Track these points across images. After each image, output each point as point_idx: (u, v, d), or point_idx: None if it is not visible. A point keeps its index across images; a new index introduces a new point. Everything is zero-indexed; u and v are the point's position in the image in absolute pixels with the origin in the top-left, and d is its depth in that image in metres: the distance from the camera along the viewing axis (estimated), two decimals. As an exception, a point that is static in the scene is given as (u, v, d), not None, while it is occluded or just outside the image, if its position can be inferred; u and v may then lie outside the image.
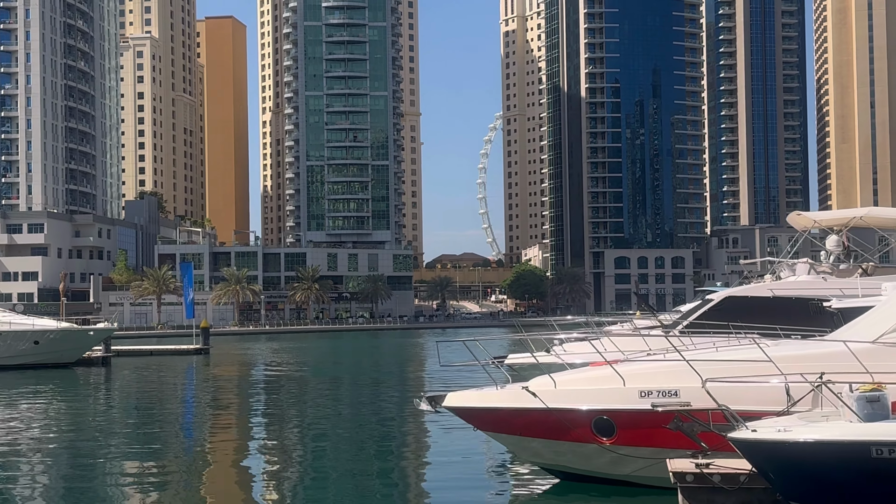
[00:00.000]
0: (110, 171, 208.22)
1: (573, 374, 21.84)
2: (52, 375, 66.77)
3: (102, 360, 75.93)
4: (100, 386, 63.08)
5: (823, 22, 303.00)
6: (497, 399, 21.71)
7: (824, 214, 32.64)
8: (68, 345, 73.26)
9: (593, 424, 20.37)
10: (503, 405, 21.51)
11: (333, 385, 61.43)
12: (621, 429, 20.13)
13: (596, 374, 21.15)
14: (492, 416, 21.77)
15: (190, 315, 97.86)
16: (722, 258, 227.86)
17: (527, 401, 20.82)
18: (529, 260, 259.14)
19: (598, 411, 20.29)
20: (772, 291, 29.18)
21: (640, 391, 19.83)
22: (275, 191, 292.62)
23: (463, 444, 30.95)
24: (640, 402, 19.78)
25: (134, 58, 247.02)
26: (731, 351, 20.36)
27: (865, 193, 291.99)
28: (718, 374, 18.43)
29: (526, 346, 37.95)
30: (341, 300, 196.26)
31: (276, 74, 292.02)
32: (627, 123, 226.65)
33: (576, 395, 20.63)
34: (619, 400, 20.10)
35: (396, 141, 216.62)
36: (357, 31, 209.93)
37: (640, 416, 19.69)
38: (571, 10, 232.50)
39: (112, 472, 28.51)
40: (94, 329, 76.30)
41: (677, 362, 19.19)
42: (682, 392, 19.26)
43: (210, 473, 28.65)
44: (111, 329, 78.15)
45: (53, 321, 77.92)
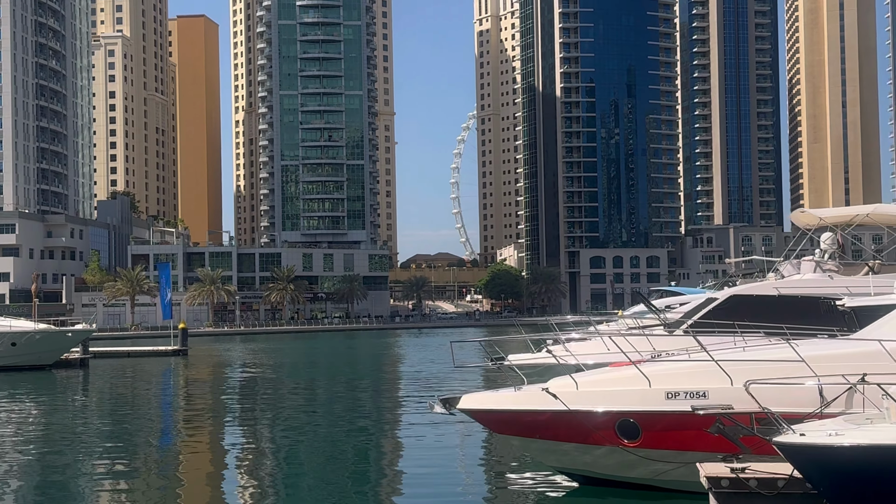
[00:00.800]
0: (82, 171, 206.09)
1: (595, 375, 21.26)
2: (29, 378, 65.68)
3: (81, 362, 74.77)
4: (78, 389, 62.00)
5: (795, 22, 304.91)
6: (515, 401, 21.17)
7: (830, 211, 32.28)
8: (46, 347, 72.03)
9: (617, 427, 19.86)
10: (522, 407, 20.97)
11: (319, 387, 60.74)
12: (647, 431, 19.61)
13: (619, 375, 20.59)
14: (510, 418, 21.21)
15: (167, 316, 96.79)
16: (696, 257, 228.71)
17: (547, 402, 20.32)
18: (505, 260, 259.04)
19: (623, 413, 19.79)
20: (777, 290, 28.74)
21: (666, 392, 19.31)
22: (248, 191, 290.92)
23: (478, 446, 30.44)
24: (666, 404, 19.28)
25: (105, 57, 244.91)
26: (762, 351, 19.84)
27: (837, 193, 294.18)
28: (750, 375, 17.92)
29: (527, 345, 37.75)
30: (317, 300, 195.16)
31: (248, 74, 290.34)
32: (602, 123, 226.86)
33: (598, 397, 20.13)
34: (645, 401, 19.57)
35: (371, 140, 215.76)
36: (332, 29, 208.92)
37: (668, 419, 19.21)
38: (546, 9, 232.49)
39: (88, 479, 27.93)
40: (72, 330, 75.08)
41: (705, 363, 18.67)
42: (711, 394, 18.79)
43: (194, 482, 27.92)
44: (90, 330, 76.98)
45: (31, 322, 76.64)
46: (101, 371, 72.29)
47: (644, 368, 19.77)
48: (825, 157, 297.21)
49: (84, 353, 75.89)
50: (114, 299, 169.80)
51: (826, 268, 29.27)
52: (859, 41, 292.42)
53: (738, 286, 31.21)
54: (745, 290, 29.75)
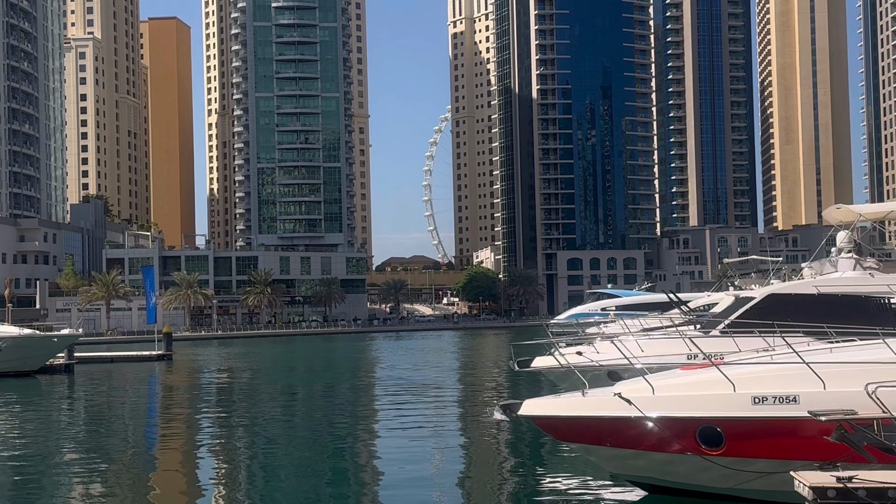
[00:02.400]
0: (55, 175, 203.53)
1: (673, 379, 20.14)
2: (14, 385, 64.12)
3: (66, 368, 73.27)
4: (64, 396, 60.48)
5: (767, 25, 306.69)
6: (583, 406, 20.06)
7: (867, 207, 31.58)
8: (31, 352, 70.40)
9: (698, 434, 18.84)
10: (591, 413, 19.85)
11: (314, 391, 59.65)
12: (731, 439, 18.60)
13: (699, 379, 19.55)
14: (578, 424, 20.10)
15: (152, 320, 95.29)
16: (673, 259, 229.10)
17: (620, 408, 19.22)
18: (481, 262, 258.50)
19: (705, 420, 18.74)
20: (817, 289, 28.06)
21: (753, 397, 18.32)
22: (221, 194, 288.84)
23: (539, 454, 29.42)
24: (754, 410, 18.31)
25: (76, 59, 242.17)
26: (854, 351, 19.05)
27: (809, 194, 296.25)
28: (843, 377, 17.17)
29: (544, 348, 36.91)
30: (294, 304, 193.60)
31: (221, 76, 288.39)
32: (578, 125, 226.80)
33: (677, 402, 19.04)
34: (730, 407, 18.53)
35: (348, 142, 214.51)
36: (307, 31, 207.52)
37: (755, 425, 18.29)
38: (522, 11, 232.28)
39: (66, 489, 27.41)
40: (58, 336, 73.50)
41: (793, 365, 17.84)
42: (803, 398, 17.86)
43: (183, 494, 27.30)
44: (76, 335, 75.39)
45: (15, 327, 74.99)
46: (86, 377, 70.82)
47: (726, 371, 18.81)
48: (797, 158, 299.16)
49: (69, 358, 74.37)
50: (88, 304, 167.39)
51: (866, 265, 28.63)
52: (830, 43, 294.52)
53: (775, 285, 30.42)
54: (783, 289, 28.93)
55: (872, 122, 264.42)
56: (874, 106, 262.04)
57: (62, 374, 72.04)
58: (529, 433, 31.93)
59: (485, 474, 28.01)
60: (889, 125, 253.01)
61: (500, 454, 31.65)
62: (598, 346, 28.07)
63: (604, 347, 28.32)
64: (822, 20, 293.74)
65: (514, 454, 31.12)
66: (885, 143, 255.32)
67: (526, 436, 32.67)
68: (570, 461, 26.96)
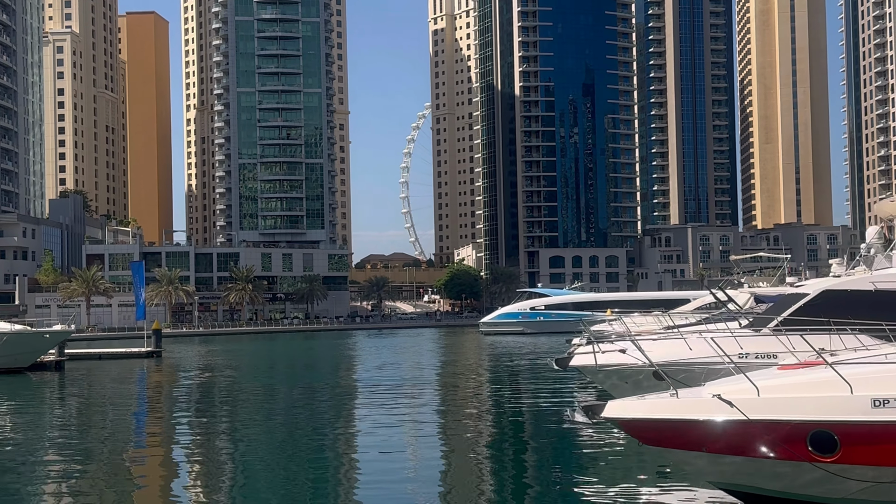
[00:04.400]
0: (34, 169, 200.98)
1: (779, 379, 18.80)
2: (4, 382, 62.59)
3: (56, 365, 71.64)
4: (56, 393, 58.97)
5: (747, 24, 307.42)
6: (676, 409, 18.65)
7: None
8: (23, 349, 68.75)
9: (809, 439, 17.57)
10: (686, 416, 18.45)
11: (313, 391, 58.54)
12: (846, 445, 17.35)
13: (810, 380, 18.24)
14: (670, 428, 18.67)
15: (141, 316, 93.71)
16: (655, 257, 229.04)
17: (719, 411, 17.94)
18: (463, 260, 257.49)
19: (817, 424, 17.47)
20: (874, 285, 27.17)
21: (872, 400, 17.13)
22: (200, 190, 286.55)
23: (622, 458, 28.24)
24: (874, 413, 17.15)
25: (54, 53, 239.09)
26: None
27: (789, 193, 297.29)
28: None
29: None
30: (276, 301, 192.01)
31: (200, 71, 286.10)
32: (561, 122, 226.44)
33: (787, 405, 17.72)
34: (846, 410, 17.29)
35: (330, 139, 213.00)
36: (290, 26, 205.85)
37: (875, 430, 17.09)
38: (505, 8, 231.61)
39: (61, 488, 26.98)
40: (49, 332, 71.86)
41: None
42: None
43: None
44: (68, 332, 73.73)
45: (6, 323, 73.30)
46: (76, 374, 69.31)
47: (841, 371, 17.67)
48: (777, 157, 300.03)
49: (60, 355, 72.77)
50: (68, 300, 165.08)
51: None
52: (810, 42, 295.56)
53: (829, 279, 29.56)
54: (839, 285, 27.93)
55: (853, 121, 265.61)
56: (855, 105, 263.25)
57: (53, 372, 70.41)
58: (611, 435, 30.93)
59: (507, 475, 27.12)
60: (870, 124, 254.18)
61: (518, 454, 30.70)
62: (644, 345, 26.97)
63: (650, 346, 27.22)
64: (801, 19, 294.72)
65: (562, 456, 30.17)
66: (867, 143, 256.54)
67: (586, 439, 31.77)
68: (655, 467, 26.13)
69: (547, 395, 47.88)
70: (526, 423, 37.95)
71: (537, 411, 41.31)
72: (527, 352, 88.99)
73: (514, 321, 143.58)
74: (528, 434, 34.94)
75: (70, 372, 70.90)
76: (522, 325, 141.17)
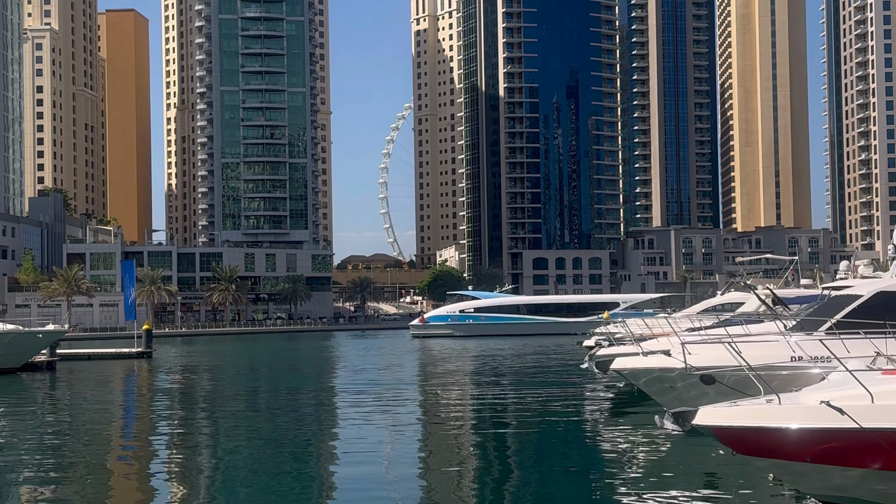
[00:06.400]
0: (13, 167, 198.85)
1: (893, 385, 17.67)
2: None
3: (48, 365, 70.47)
4: (47, 394, 57.77)
5: (727, 27, 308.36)
6: (779, 416, 17.56)
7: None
8: (14, 349, 67.41)
9: None
10: (790, 425, 17.38)
11: (310, 393, 57.71)
12: None
13: None
14: (771, 437, 17.56)
15: (131, 316, 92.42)
16: (638, 259, 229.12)
17: (828, 419, 16.91)
18: (445, 261, 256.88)
19: None
20: None
21: None
22: (180, 189, 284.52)
23: (714, 467, 26.41)
24: None
25: (33, 50, 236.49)
26: None
27: (768, 196, 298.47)
28: None
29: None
30: (259, 301, 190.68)
31: (181, 70, 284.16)
32: (545, 124, 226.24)
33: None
34: None
35: (314, 138, 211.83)
36: (274, 25, 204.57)
37: None
38: (489, 9, 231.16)
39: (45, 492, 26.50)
40: (43, 332, 70.59)
41: None
42: None
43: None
44: (61, 331, 72.53)
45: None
46: (67, 375, 68.13)
47: None
48: (757, 160, 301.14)
49: (51, 355, 71.54)
50: (49, 300, 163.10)
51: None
52: (790, 46, 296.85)
53: (883, 280, 28.88)
54: (893, 287, 27.26)
55: (834, 124, 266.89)
56: (836, 108, 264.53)
57: (45, 372, 69.24)
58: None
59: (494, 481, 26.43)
60: (851, 128, 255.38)
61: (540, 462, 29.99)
62: (691, 348, 26.21)
63: (697, 349, 26.46)
64: (782, 23, 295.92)
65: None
66: (847, 146, 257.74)
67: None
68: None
69: (574, 399, 47.13)
70: (565, 428, 37.04)
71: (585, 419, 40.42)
72: (487, 353, 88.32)
73: (443, 324, 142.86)
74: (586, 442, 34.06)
75: (61, 372, 69.74)
76: (451, 327, 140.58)
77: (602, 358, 32.83)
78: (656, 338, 35.75)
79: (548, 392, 49.40)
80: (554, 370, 66.33)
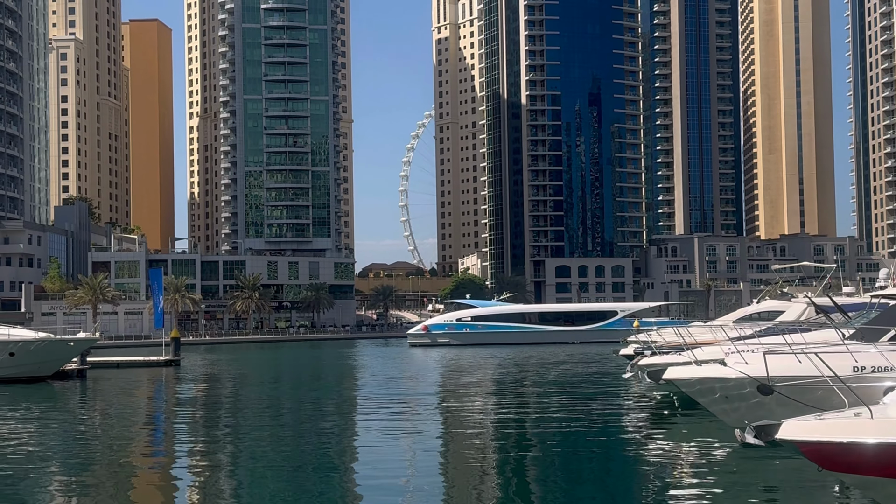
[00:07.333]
0: (39, 176, 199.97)
1: None
2: (27, 391, 61.33)
3: (78, 373, 70.57)
4: (77, 403, 57.71)
5: (750, 34, 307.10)
6: (872, 430, 16.51)
7: None
8: (47, 357, 67.53)
9: None
10: (890, 439, 16.29)
11: (345, 402, 57.54)
12: None
13: None
14: (865, 454, 16.45)
15: (160, 324, 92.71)
16: (661, 267, 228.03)
17: None
18: (468, 269, 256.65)
19: None
20: None
21: None
22: (202, 197, 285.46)
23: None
24: None
25: (58, 60, 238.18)
26: None
27: (792, 204, 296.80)
28: None
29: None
30: (282, 309, 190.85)
31: (203, 79, 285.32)
32: (567, 131, 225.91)
33: None
34: None
35: (336, 147, 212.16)
36: (297, 34, 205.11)
37: None
38: (511, 17, 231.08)
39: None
40: (74, 339, 70.71)
41: None
42: None
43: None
44: (93, 339, 72.74)
45: (30, 331, 72.22)
46: (97, 383, 68.20)
47: None
48: (780, 168, 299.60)
49: (82, 363, 71.64)
50: (75, 308, 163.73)
51: None
52: (814, 53, 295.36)
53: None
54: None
55: (860, 131, 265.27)
56: (861, 115, 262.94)
57: (75, 380, 69.33)
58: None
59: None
60: (877, 134, 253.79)
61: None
62: (747, 357, 25.71)
63: (753, 359, 25.92)
64: (806, 30, 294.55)
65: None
66: (873, 153, 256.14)
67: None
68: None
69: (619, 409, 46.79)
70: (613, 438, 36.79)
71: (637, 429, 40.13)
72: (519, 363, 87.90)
73: (440, 332, 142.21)
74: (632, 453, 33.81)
75: (91, 381, 69.82)
76: (449, 336, 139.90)
77: (653, 367, 32.42)
78: (699, 346, 35.40)
79: (589, 403, 49.01)
80: (590, 379, 65.88)
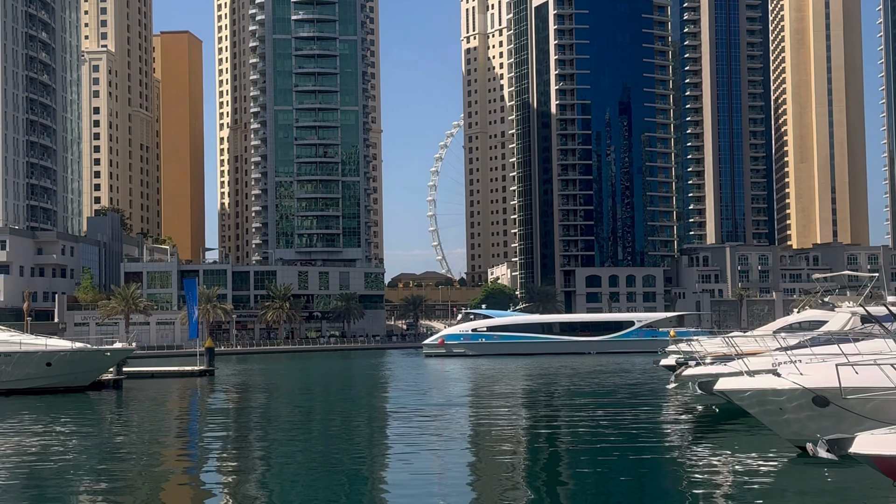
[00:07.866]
0: (71, 187, 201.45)
1: None
2: (63, 402, 61.40)
3: (115, 384, 70.75)
4: (114, 414, 57.69)
5: (781, 42, 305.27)
6: None
7: None
8: (83, 367, 67.76)
9: None
10: None
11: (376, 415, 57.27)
12: None
13: None
14: None
15: (194, 335, 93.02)
16: (692, 276, 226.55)
17: None
18: (497, 279, 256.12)
19: None
20: None
21: None
22: (233, 208, 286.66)
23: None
24: None
25: (90, 72, 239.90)
26: None
27: (824, 213, 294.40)
28: None
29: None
30: (312, 319, 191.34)
31: (234, 90, 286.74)
32: (597, 141, 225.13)
33: None
34: None
35: (366, 157, 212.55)
36: (327, 44, 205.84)
37: None
38: (541, 27, 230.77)
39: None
40: (110, 350, 70.97)
41: None
42: None
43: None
44: (129, 349, 72.97)
45: (66, 341, 72.54)
46: (133, 394, 68.31)
47: None
48: (812, 176, 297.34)
49: (118, 373, 71.84)
50: (107, 318, 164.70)
51: None
52: (846, 61, 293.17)
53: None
54: None
55: (892, 139, 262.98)
56: (894, 123, 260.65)
57: (111, 390, 69.52)
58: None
59: None
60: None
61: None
62: (802, 368, 25.25)
63: (809, 369, 25.46)
64: (837, 38, 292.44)
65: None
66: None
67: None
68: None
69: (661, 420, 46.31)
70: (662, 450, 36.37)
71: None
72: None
73: (456, 343, 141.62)
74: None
75: (127, 391, 69.97)
76: (465, 346, 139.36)
77: (704, 378, 31.99)
78: (743, 357, 34.95)
79: (636, 414, 48.54)
80: (632, 391, 65.36)
